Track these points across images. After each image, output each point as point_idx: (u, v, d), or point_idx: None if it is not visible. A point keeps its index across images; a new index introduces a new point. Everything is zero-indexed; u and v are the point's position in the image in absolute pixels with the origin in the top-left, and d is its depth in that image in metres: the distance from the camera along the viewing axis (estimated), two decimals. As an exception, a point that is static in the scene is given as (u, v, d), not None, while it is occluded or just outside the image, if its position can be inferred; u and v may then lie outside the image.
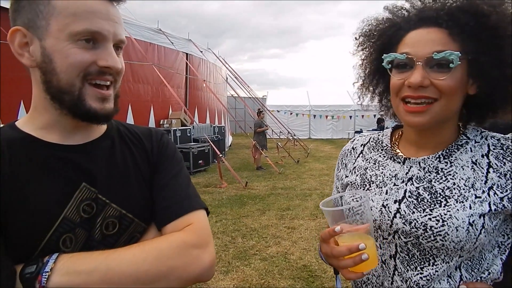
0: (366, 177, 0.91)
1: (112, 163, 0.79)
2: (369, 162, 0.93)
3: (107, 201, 0.75)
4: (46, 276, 0.60)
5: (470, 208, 0.74)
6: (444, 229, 0.74)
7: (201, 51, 11.90)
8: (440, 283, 0.78)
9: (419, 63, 0.73)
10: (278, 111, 17.77)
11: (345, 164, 1.01)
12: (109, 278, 0.63)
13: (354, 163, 0.98)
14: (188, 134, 9.48)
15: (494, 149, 0.78)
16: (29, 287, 0.60)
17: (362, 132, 15.18)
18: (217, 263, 3.64)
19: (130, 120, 8.04)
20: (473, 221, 0.73)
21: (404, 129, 0.92)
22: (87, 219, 0.72)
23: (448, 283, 0.78)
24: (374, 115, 17.70)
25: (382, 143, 0.95)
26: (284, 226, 4.84)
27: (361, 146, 1.00)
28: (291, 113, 19.01)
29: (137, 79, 8.52)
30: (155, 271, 0.67)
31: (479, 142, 0.81)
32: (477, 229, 0.73)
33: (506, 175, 0.75)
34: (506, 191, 0.74)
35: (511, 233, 0.80)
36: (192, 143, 9.24)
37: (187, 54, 11.00)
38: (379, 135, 0.98)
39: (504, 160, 0.76)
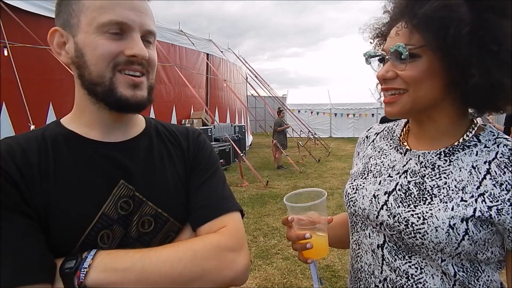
0: (367, 166, 0.93)
1: (150, 161, 0.79)
2: (375, 150, 0.95)
3: (143, 199, 0.76)
4: (85, 272, 0.62)
5: (452, 209, 0.72)
6: (424, 228, 0.73)
7: (222, 51, 12.00)
8: (433, 277, 0.76)
9: (387, 57, 0.77)
10: (299, 111, 17.66)
11: (358, 153, 1.04)
12: (144, 277, 0.64)
13: (364, 151, 1.00)
14: (209, 134, 9.57)
15: (500, 157, 0.73)
16: (68, 282, 0.62)
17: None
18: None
19: (152, 120, 8.18)
20: (454, 224, 0.71)
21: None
22: (124, 216, 0.73)
23: (442, 280, 0.75)
24: (398, 113, 17.25)
25: (393, 132, 0.96)
26: (305, 226, 4.80)
27: (374, 135, 1.01)
28: (311, 112, 18.85)
29: (160, 80, 8.68)
30: (189, 272, 0.67)
31: (488, 148, 0.76)
32: (458, 234, 0.70)
33: (503, 185, 0.70)
34: (497, 201, 0.70)
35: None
36: (213, 143, 9.32)
37: (207, 54, 11.12)
38: (394, 124, 0.99)
39: (505, 169, 0.71)
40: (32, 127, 4.31)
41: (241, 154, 7.95)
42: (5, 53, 4.77)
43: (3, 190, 0.62)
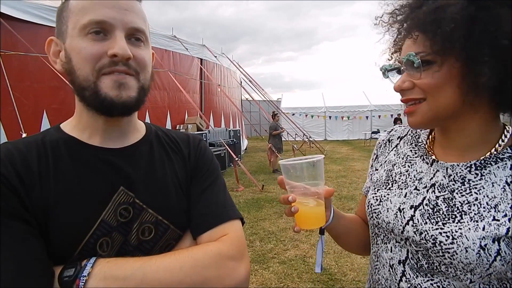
0: (391, 175, 0.88)
1: (150, 168, 0.79)
2: (399, 157, 0.90)
3: (143, 206, 0.75)
4: (84, 281, 0.61)
5: (484, 229, 0.67)
6: (453, 247, 0.68)
7: (215, 56, 12.02)
8: None
9: (403, 67, 0.75)
10: (293, 114, 17.72)
11: (377, 156, 0.99)
12: (145, 285, 0.63)
13: (386, 157, 0.95)
14: (204, 139, 9.49)
15: None
16: None
17: (379, 132, 14.89)
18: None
19: (147, 126, 8.19)
20: (485, 245, 0.66)
21: None
22: (123, 223, 0.72)
23: None
24: (391, 115, 17.43)
25: (418, 138, 0.90)
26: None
27: (397, 139, 0.96)
28: (306, 115, 18.92)
29: (154, 85, 8.58)
30: (190, 280, 0.66)
31: None
32: (490, 255, 0.66)
33: None
34: None
35: None
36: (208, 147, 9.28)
37: (201, 59, 11.13)
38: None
39: None
40: (24, 135, 4.27)
41: (236, 159, 7.95)
42: (-3, 61, 4.74)
43: (2, 196, 0.61)
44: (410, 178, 0.83)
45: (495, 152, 0.73)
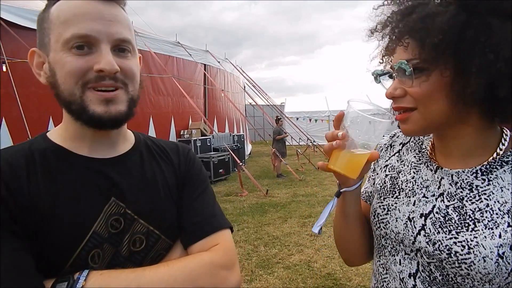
0: (397, 183, 0.86)
1: (141, 178, 0.78)
2: (404, 164, 0.88)
3: (135, 217, 0.74)
4: None
5: (500, 237, 0.65)
6: (470, 258, 0.66)
7: (219, 61, 12.09)
8: None
9: (395, 74, 0.73)
10: (297, 118, 17.71)
11: (377, 160, 0.97)
12: None
13: (387, 161, 0.93)
14: (208, 144, 9.58)
15: None
16: None
17: (384, 136, 14.76)
18: (240, 271, 3.63)
19: (152, 131, 8.26)
20: (503, 253, 0.64)
21: None
22: (115, 234, 0.71)
23: None
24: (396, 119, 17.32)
25: (421, 144, 0.88)
26: (306, 234, 4.78)
27: (399, 145, 0.94)
28: (310, 119, 18.91)
29: (158, 91, 8.72)
30: None
31: None
32: (509, 263, 0.64)
33: None
34: None
35: None
36: (212, 153, 9.32)
37: (205, 65, 11.20)
38: None
39: None
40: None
41: (241, 163, 7.95)
42: (4, 68, 4.80)
43: None
44: (417, 185, 0.81)
45: (497, 157, 0.72)
